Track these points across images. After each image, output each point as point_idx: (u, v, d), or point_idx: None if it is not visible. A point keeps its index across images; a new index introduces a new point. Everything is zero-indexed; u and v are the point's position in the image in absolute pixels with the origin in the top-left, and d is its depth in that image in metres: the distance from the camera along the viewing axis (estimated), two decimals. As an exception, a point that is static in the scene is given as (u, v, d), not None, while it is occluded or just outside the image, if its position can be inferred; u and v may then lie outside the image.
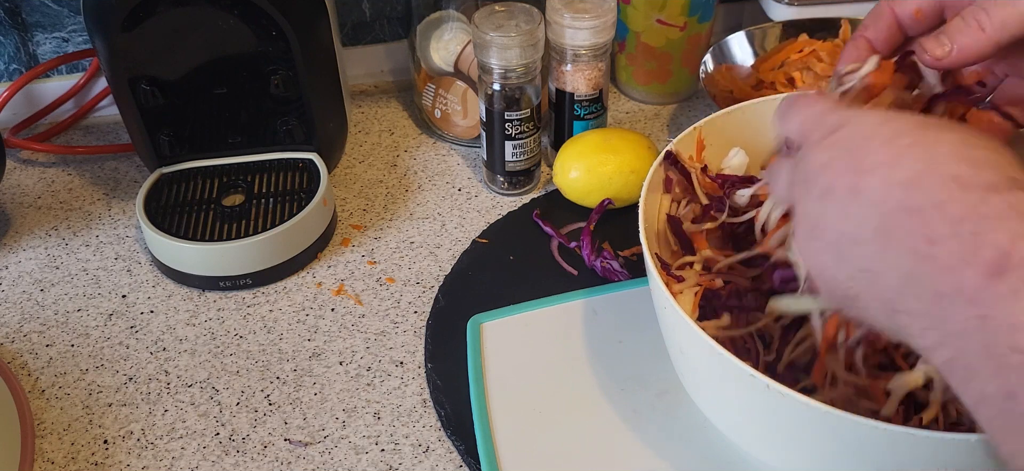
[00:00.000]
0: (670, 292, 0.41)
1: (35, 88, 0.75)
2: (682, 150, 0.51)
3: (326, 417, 0.51)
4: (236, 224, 0.60)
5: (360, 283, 0.60)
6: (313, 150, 0.65)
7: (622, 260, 0.59)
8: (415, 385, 0.53)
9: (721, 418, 0.45)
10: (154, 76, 0.60)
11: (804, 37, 0.71)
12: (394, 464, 0.48)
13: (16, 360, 0.55)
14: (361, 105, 0.79)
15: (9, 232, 0.66)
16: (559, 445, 0.47)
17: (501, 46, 0.59)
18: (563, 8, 0.61)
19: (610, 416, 0.49)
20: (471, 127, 0.71)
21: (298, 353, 0.55)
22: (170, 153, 0.64)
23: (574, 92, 0.65)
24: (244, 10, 0.57)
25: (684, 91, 0.78)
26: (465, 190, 0.68)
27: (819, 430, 0.37)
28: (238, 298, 0.59)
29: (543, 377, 0.51)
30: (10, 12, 0.72)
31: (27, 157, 0.74)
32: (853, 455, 0.37)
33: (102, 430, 0.51)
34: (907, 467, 0.37)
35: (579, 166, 0.63)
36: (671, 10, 0.71)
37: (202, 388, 0.53)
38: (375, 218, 0.66)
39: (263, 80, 0.61)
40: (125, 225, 0.66)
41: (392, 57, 0.81)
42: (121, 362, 0.55)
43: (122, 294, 0.60)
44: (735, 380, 0.38)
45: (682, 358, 0.44)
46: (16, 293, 0.60)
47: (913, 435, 0.34)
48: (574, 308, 0.55)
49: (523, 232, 0.63)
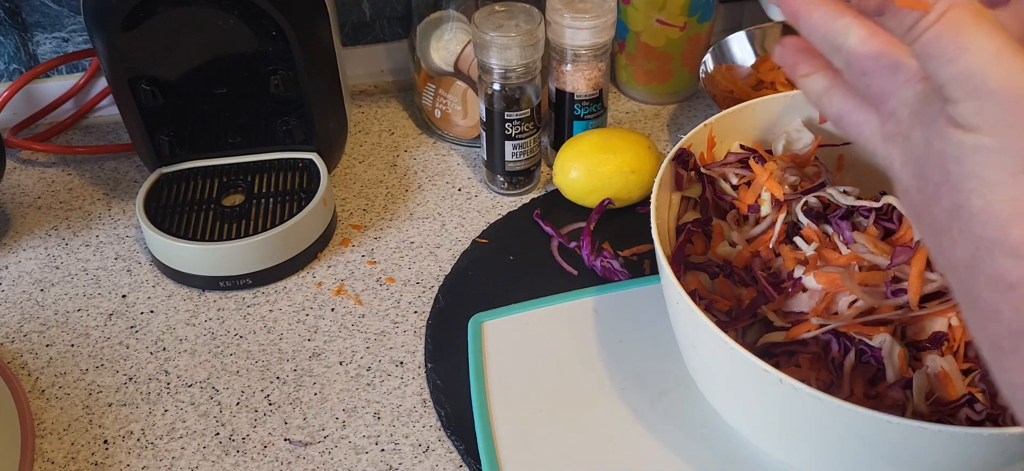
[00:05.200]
0: (682, 287, 0.41)
1: (35, 88, 0.75)
2: (693, 147, 0.51)
3: (326, 417, 0.51)
4: (236, 224, 0.60)
5: (360, 283, 0.60)
6: (313, 150, 0.65)
7: (622, 260, 0.59)
8: (415, 385, 0.53)
9: (733, 413, 0.45)
10: (154, 76, 0.60)
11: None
12: (394, 464, 0.48)
13: (16, 360, 0.55)
14: (361, 105, 0.79)
15: (9, 232, 0.66)
16: (560, 444, 0.47)
17: (501, 46, 0.59)
18: (563, 8, 0.61)
19: (610, 415, 0.49)
20: (471, 127, 0.71)
21: (298, 353, 0.55)
22: (170, 153, 0.64)
23: (574, 92, 0.65)
24: (244, 10, 0.57)
25: (684, 91, 0.78)
26: (465, 190, 0.68)
27: (830, 424, 0.37)
28: (238, 298, 0.59)
29: (543, 377, 0.51)
30: (10, 12, 0.72)
31: (27, 157, 0.74)
32: (863, 449, 0.37)
33: (102, 430, 0.51)
34: (918, 461, 0.37)
35: (579, 166, 0.63)
36: (671, 10, 0.71)
37: (202, 388, 0.53)
38: (375, 218, 0.66)
39: (263, 80, 0.61)
40: (125, 225, 0.66)
41: (392, 57, 0.81)
42: (121, 362, 0.55)
43: (122, 294, 0.60)
44: (748, 375, 0.38)
45: (694, 353, 0.44)
46: (16, 293, 0.60)
47: (924, 429, 0.34)
48: (574, 308, 0.55)
49: (523, 232, 0.63)
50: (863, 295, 0.43)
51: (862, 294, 0.43)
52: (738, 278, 0.46)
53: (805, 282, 0.44)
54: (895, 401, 0.40)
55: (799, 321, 0.43)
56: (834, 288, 0.43)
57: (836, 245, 0.46)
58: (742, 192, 0.51)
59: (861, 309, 0.43)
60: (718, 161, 0.52)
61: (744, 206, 0.50)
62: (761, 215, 0.50)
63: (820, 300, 0.43)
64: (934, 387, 0.40)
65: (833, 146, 0.55)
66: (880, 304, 0.43)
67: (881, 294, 0.43)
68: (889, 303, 0.43)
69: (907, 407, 0.40)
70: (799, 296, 0.44)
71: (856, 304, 0.43)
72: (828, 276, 0.43)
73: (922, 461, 0.37)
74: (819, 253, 0.45)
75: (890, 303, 0.43)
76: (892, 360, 0.41)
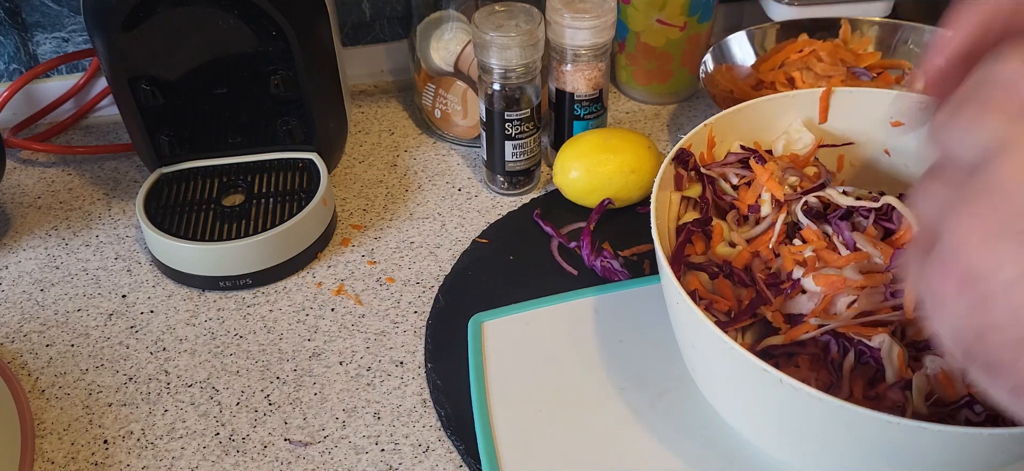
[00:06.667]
0: (682, 287, 0.41)
1: (35, 88, 0.75)
2: (693, 147, 0.51)
3: (326, 417, 0.51)
4: (236, 224, 0.60)
5: (360, 283, 0.60)
6: (313, 150, 0.65)
7: (622, 260, 0.59)
8: (415, 385, 0.53)
9: (733, 413, 0.45)
10: (154, 76, 0.60)
11: (804, 37, 0.71)
12: (394, 464, 0.48)
13: (16, 360, 0.55)
14: (361, 105, 0.79)
15: (9, 232, 0.66)
16: (560, 444, 0.47)
17: (501, 46, 0.59)
18: (563, 8, 0.61)
19: (610, 415, 0.49)
20: (471, 127, 0.71)
21: (298, 353, 0.55)
22: (170, 153, 0.64)
23: (574, 92, 0.65)
24: (244, 10, 0.57)
25: (684, 91, 0.78)
26: (465, 190, 0.68)
27: (830, 424, 0.37)
28: (238, 298, 0.59)
29: (543, 377, 0.51)
30: (10, 12, 0.72)
31: (27, 157, 0.74)
32: (863, 449, 0.37)
33: (102, 430, 0.51)
34: (917, 461, 0.37)
35: (579, 166, 0.63)
36: (671, 10, 0.71)
37: (202, 388, 0.53)
38: (375, 218, 0.66)
39: (263, 80, 0.61)
40: (125, 225, 0.66)
41: (392, 57, 0.81)
42: (121, 362, 0.55)
43: (122, 294, 0.60)
44: (748, 375, 0.38)
45: (694, 353, 0.44)
46: (16, 293, 0.60)
47: (924, 429, 0.34)
48: (574, 308, 0.55)
49: (523, 232, 0.63)
50: (862, 297, 0.43)
51: (861, 296, 0.43)
52: (738, 279, 0.46)
53: (804, 284, 0.44)
54: (895, 402, 0.40)
55: (798, 322, 0.43)
56: (833, 290, 0.43)
57: (835, 246, 0.46)
58: (742, 192, 0.51)
59: (860, 310, 0.43)
60: (718, 161, 0.52)
61: (744, 206, 0.50)
62: (761, 215, 0.50)
63: (819, 302, 0.43)
64: (934, 388, 0.40)
65: (833, 146, 0.55)
66: (879, 306, 0.43)
67: (880, 295, 0.43)
68: (888, 304, 0.43)
69: (907, 408, 0.40)
70: (798, 298, 0.44)
71: (855, 305, 0.43)
72: (827, 278, 0.43)
73: (922, 461, 0.37)
74: (818, 254, 0.45)
75: (889, 304, 0.43)
76: (891, 361, 0.41)
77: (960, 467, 0.37)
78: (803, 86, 0.65)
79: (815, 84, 0.64)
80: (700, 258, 0.48)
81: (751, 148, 0.52)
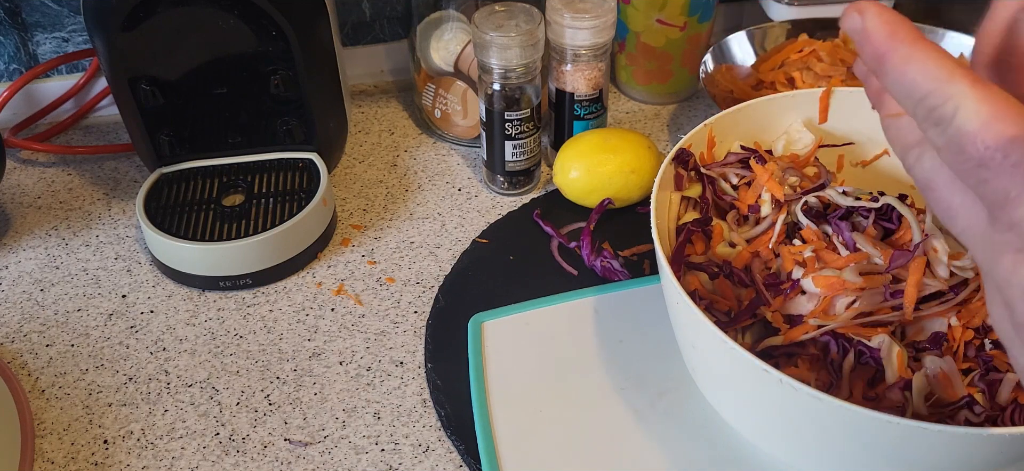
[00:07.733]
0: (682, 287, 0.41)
1: (35, 88, 0.75)
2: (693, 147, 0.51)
3: (326, 417, 0.51)
4: (236, 224, 0.60)
5: (360, 283, 0.60)
6: (313, 150, 0.65)
7: (622, 260, 0.59)
8: (415, 385, 0.53)
9: (733, 413, 0.45)
10: (154, 76, 0.60)
11: (804, 37, 0.71)
12: (394, 464, 0.48)
13: (16, 360, 0.55)
14: (361, 105, 0.79)
15: (9, 232, 0.66)
16: (560, 444, 0.47)
17: (501, 46, 0.59)
18: (563, 8, 0.61)
19: (610, 415, 0.49)
20: (471, 127, 0.71)
21: (298, 353, 0.55)
22: (170, 153, 0.64)
23: (574, 92, 0.65)
24: (244, 10, 0.57)
25: (684, 91, 0.78)
26: (465, 190, 0.68)
27: (830, 424, 0.37)
28: (238, 298, 0.59)
29: (543, 377, 0.51)
30: (10, 12, 0.72)
31: (27, 157, 0.74)
32: (863, 449, 0.37)
33: (102, 430, 0.51)
34: (917, 461, 0.37)
35: (579, 166, 0.63)
36: (671, 10, 0.71)
37: (202, 388, 0.53)
38: (375, 218, 0.66)
39: (263, 80, 0.61)
40: (125, 225, 0.66)
41: (392, 57, 0.81)
42: (121, 362, 0.55)
43: (122, 294, 0.60)
44: (748, 375, 0.38)
45: (694, 353, 0.44)
46: (16, 293, 0.60)
47: (924, 429, 0.34)
48: (574, 308, 0.55)
49: (523, 232, 0.63)
50: (861, 297, 0.43)
51: (860, 296, 0.43)
52: (738, 279, 0.46)
53: (804, 285, 0.44)
54: (894, 402, 0.40)
55: (798, 323, 0.43)
56: (832, 291, 0.43)
57: (835, 246, 0.46)
58: (742, 192, 0.51)
59: (859, 310, 0.43)
60: (718, 161, 0.52)
61: (744, 206, 0.50)
62: (761, 215, 0.50)
63: (819, 303, 0.43)
64: (934, 388, 0.40)
65: (833, 146, 0.55)
66: (878, 306, 0.43)
67: (879, 296, 0.43)
68: (887, 305, 0.43)
69: (907, 408, 0.40)
70: (798, 298, 0.44)
71: (854, 305, 0.43)
72: (826, 280, 0.43)
73: (922, 461, 0.37)
74: (818, 254, 0.45)
75: (888, 304, 0.43)
76: (891, 361, 0.41)
77: (960, 467, 0.37)
78: (803, 86, 0.65)
79: (815, 84, 0.64)
80: (700, 258, 0.48)
81: (751, 148, 0.52)
